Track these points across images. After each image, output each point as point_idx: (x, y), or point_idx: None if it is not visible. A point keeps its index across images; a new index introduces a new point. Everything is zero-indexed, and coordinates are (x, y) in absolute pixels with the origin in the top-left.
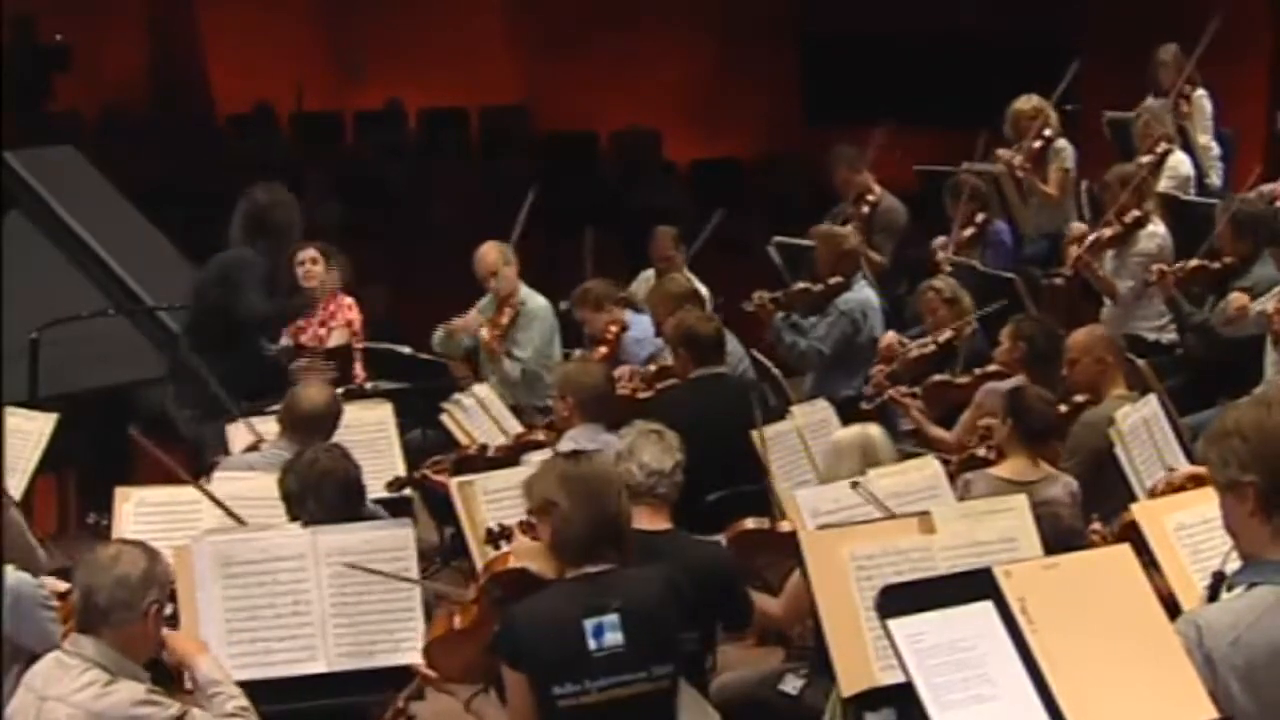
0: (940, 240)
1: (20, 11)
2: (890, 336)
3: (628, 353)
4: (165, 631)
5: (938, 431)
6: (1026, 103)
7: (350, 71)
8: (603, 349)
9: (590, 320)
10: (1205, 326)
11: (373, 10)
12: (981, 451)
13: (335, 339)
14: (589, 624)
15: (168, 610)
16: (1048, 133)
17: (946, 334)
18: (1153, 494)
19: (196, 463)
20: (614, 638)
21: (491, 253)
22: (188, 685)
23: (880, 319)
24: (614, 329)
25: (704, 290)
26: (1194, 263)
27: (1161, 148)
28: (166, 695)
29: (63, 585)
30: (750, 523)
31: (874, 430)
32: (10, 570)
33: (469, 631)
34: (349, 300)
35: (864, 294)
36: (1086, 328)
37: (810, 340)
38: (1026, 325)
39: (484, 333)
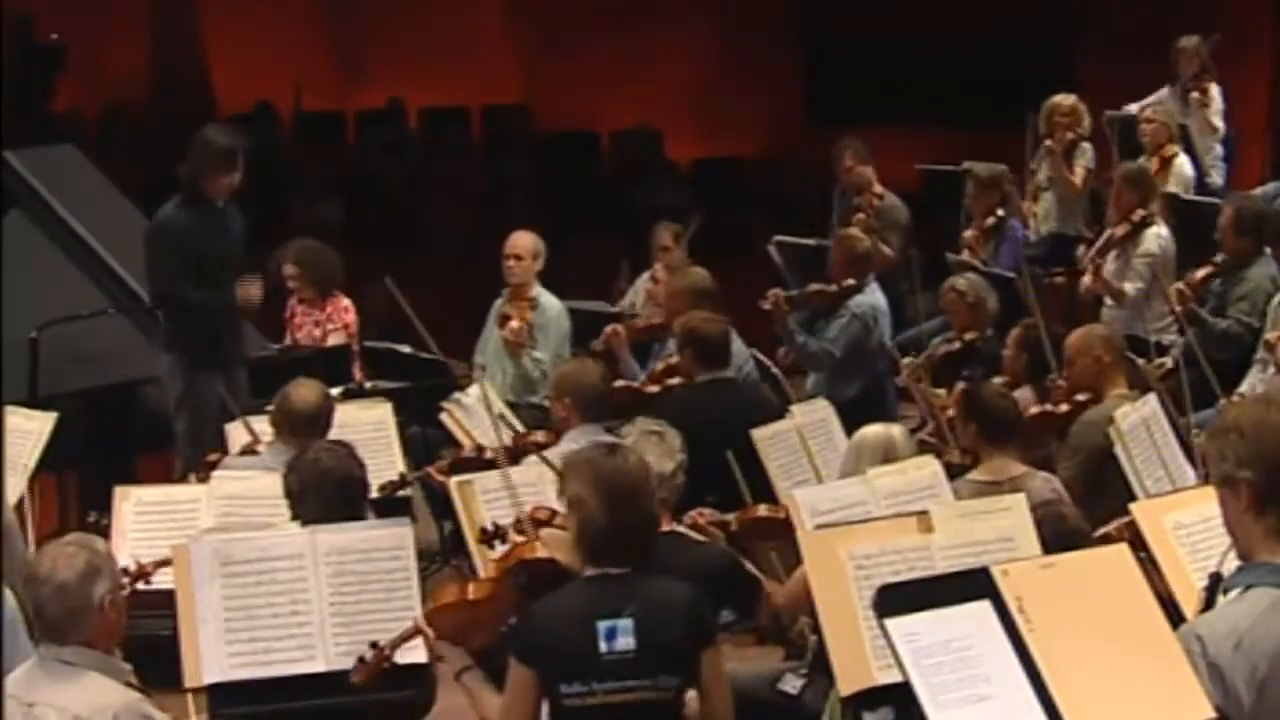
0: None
1: (21, 10)
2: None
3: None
4: None
5: (936, 396)
6: (1065, 100)
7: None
8: (654, 318)
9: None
10: (1230, 334)
11: (374, 9)
12: (956, 458)
13: (334, 341)
14: (602, 625)
15: (125, 589)
16: (1079, 130)
17: (970, 335)
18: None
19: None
20: (626, 642)
21: (526, 239)
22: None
23: (889, 323)
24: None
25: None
26: (1200, 274)
27: (1169, 150)
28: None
29: None
30: (763, 509)
31: (897, 431)
32: None
33: (480, 604)
34: (346, 302)
35: (875, 297)
36: (1083, 327)
37: (822, 341)
38: (1032, 335)
39: (514, 324)
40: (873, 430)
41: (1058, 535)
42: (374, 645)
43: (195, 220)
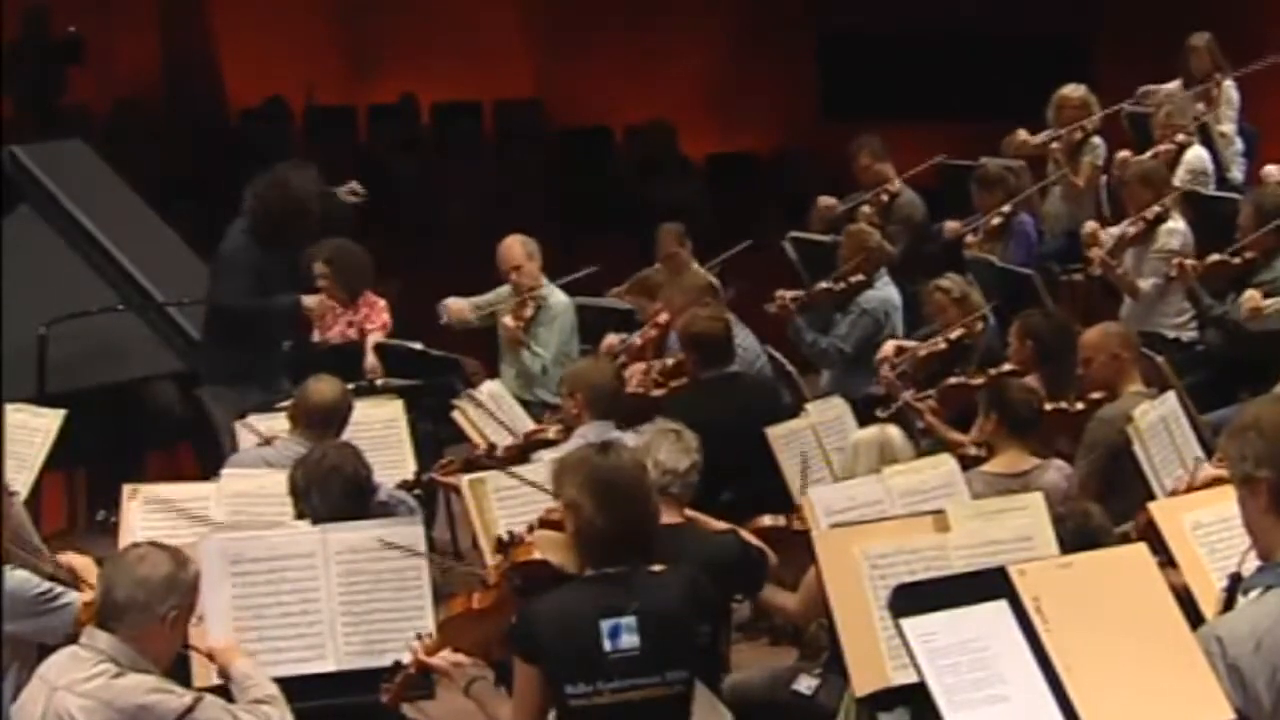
0: (953, 225)
1: (32, 4)
2: (889, 347)
3: (671, 347)
4: (210, 645)
5: (954, 435)
6: (1075, 91)
7: None
8: (650, 333)
9: (642, 308)
10: (1224, 319)
11: (386, 4)
12: (973, 451)
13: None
14: (605, 625)
15: (193, 620)
16: (1088, 125)
17: (957, 332)
18: (1174, 495)
19: (205, 460)
20: (630, 640)
21: (515, 246)
22: (200, 683)
23: (901, 318)
24: (662, 318)
25: (715, 283)
26: (1214, 257)
27: (1181, 138)
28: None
29: (78, 559)
30: (767, 519)
31: (892, 430)
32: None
33: (485, 613)
34: (382, 303)
35: (887, 292)
36: (1100, 325)
37: (832, 338)
38: (1033, 322)
39: (508, 320)
40: (866, 432)
41: (1081, 533)
42: (398, 664)
43: (269, 261)
